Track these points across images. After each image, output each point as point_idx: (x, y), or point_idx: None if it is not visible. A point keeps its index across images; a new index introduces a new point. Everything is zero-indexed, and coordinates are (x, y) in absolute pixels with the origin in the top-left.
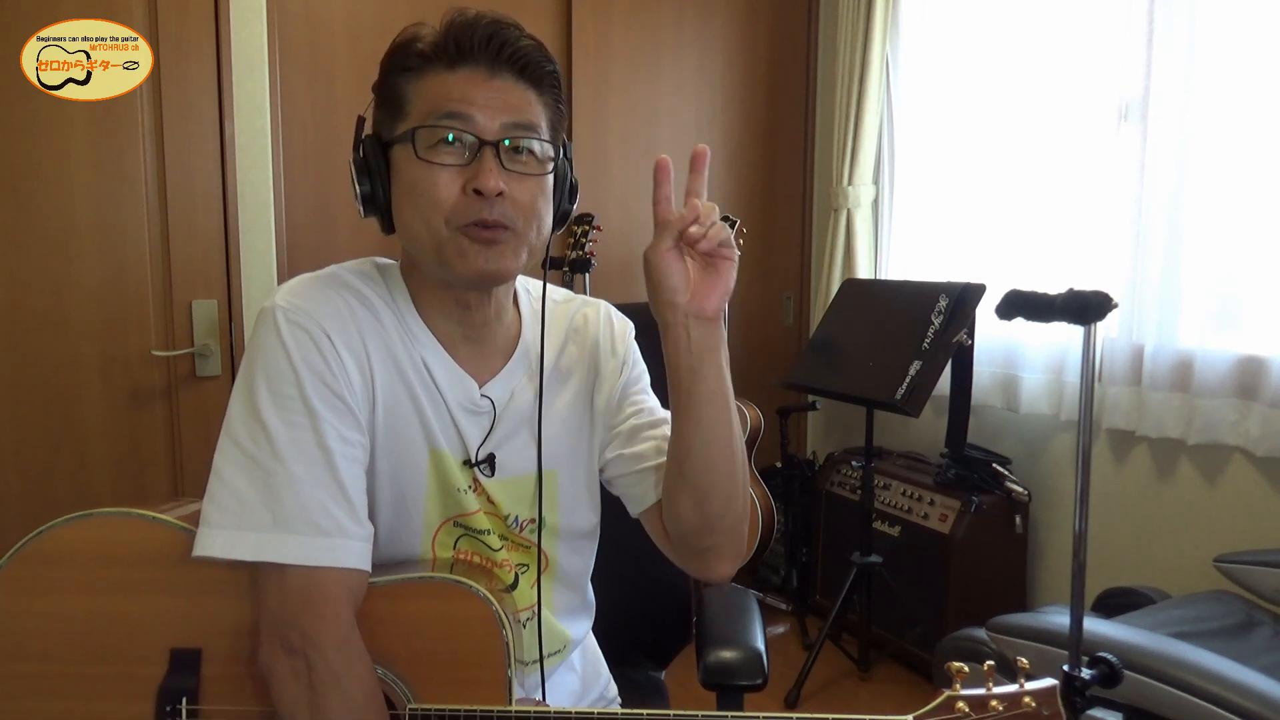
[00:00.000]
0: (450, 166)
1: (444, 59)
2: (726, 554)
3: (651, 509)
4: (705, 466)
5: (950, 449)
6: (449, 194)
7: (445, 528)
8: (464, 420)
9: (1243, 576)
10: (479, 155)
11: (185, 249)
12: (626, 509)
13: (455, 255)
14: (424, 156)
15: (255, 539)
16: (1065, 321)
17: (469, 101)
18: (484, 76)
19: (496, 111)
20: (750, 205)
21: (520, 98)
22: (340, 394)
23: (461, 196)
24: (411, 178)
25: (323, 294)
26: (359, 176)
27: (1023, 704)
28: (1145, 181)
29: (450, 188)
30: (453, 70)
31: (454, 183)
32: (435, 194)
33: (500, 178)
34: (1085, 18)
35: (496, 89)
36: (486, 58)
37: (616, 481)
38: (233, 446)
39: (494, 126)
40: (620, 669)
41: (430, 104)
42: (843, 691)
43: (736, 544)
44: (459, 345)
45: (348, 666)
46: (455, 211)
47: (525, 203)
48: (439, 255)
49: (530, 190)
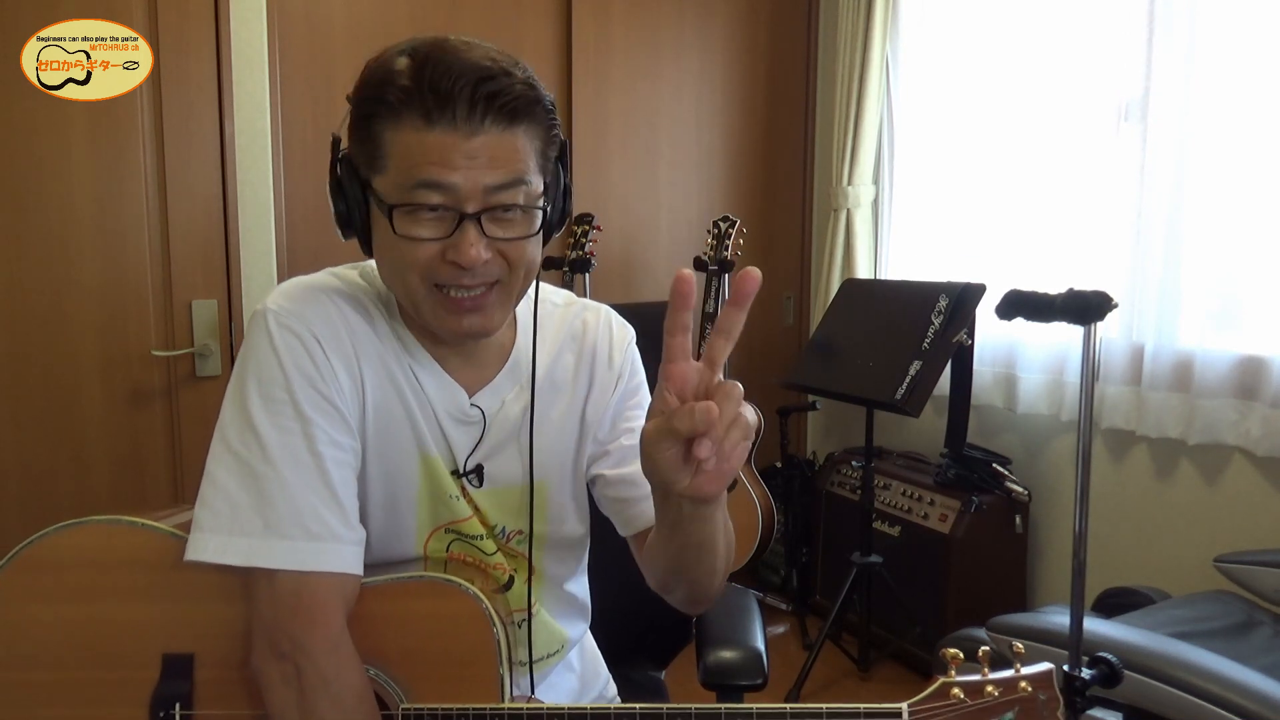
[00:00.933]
0: (428, 240)
1: (419, 110)
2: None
3: (636, 536)
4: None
5: (950, 449)
6: (427, 258)
7: (437, 533)
8: (452, 430)
9: (1243, 576)
10: (459, 227)
11: (185, 249)
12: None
13: (433, 316)
14: (402, 233)
15: (246, 544)
16: (1065, 321)
17: (448, 165)
18: (464, 136)
19: (478, 173)
20: (750, 205)
21: (506, 148)
22: (331, 398)
23: (440, 261)
24: (388, 240)
25: (314, 298)
26: (334, 199)
27: (1019, 688)
28: (1145, 181)
29: (429, 252)
30: (430, 126)
31: (433, 248)
32: (414, 257)
33: (481, 247)
34: (1085, 18)
35: (479, 146)
36: (466, 112)
37: (601, 500)
38: (225, 450)
39: (476, 192)
40: (620, 669)
41: (406, 164)
42: (843, 691)
43: (713, 599)
44: (450, 353)
45: (338, 671)
46: (433, 273)
47: (513, 258)
48: (417, 311)
49: (518, 246)
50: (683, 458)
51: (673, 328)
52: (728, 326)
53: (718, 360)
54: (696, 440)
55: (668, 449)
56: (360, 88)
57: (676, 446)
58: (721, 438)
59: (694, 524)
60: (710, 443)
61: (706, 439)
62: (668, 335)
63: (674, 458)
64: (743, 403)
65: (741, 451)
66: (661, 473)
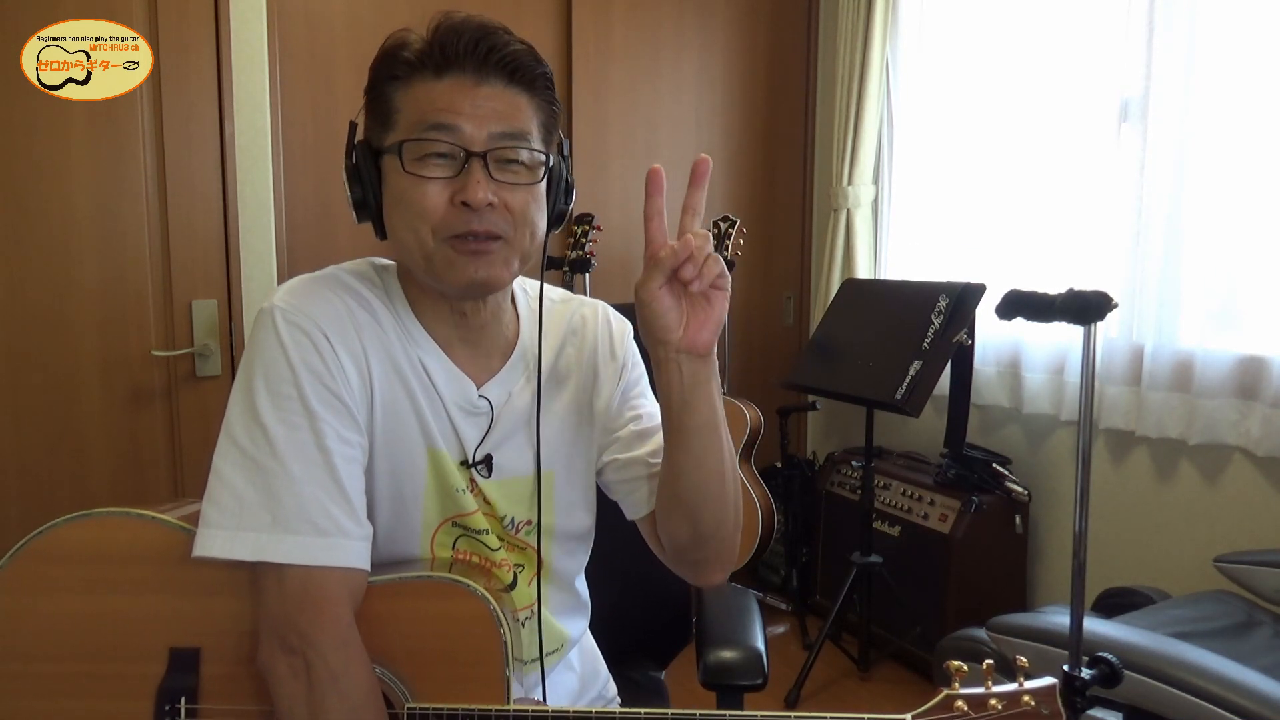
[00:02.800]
0: (438, 179)
1: (430, 66)
2: (718, 565)
3: (647, 516)
4: (697, 490)
5: (950, 449)
6: (437, 205)
7: (444, 528)
8: (461, 421)
9: (1243, 576)
10: (467, 167)
11: (185, 249)
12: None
13: (444, 266)
14: (411, 170)
15: (254, 539)
16: (1065, 321)
17: (455, 111)
18: (471, 84)
19: (484, 120)
20: (750, 205)
21: (509, 104)
22: (338, 394)
23: (450, 208)
24: (399, 189)
25: (320, 295)
26: (350, 183)
27: (1022, 703)
28: (1145, 181)
29: (438, 199)
30: (439, 78)
31: (442, 194)
32: (423, 205)
33: (489, 189)
34: (1085, 17)
35: (484, 96)
36: (473, 64)
37: (614, 486)
38: (232, 447)
39: (481, 136)
40: (620, 669)
41: (417, 114)
42: (843, 691)
43: (728, 556)
44: (456, 346)
45: (346, 666)
46: (443, 222)
47: (517, 210)
48: (428, 265)
49: (521, 198)
50: (670, 293)
51: (650, 213)
52: (693, 204)
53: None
54: (681, 267)
55: (657, 286)
56: (375, 61)
57: (663, 283)
58: (701, 261)
59: (695, 394)
60: (692, 265)
61: (689, 263)
62: (646, 221)
63: (662, 294)
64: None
65: (720, 300)
66: (657, 318)
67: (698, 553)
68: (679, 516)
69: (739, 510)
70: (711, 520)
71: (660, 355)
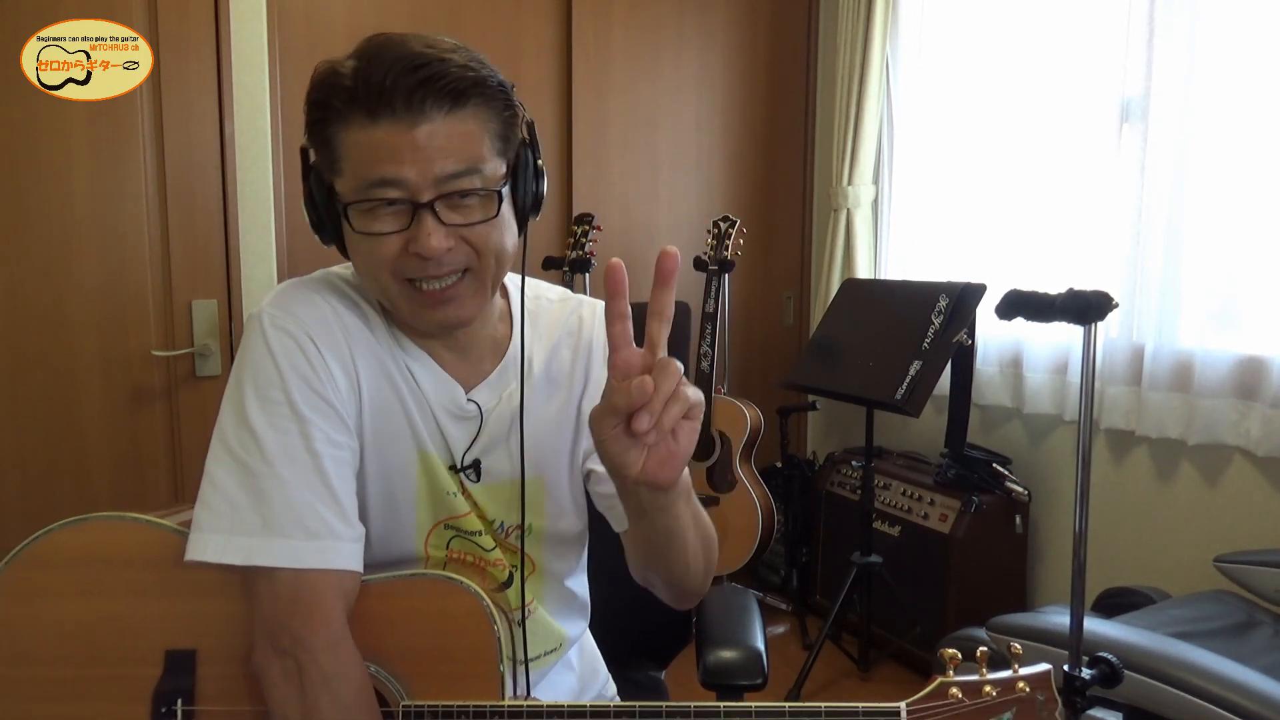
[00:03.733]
0: (388, 234)
1: (362, 109)
2: (689, 600)
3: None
4: (662, 561)
5: (950, 449)
6: (390, 254)
7: (437, 529)
8: (450, 426)
9: (1243, 576)
10: (416, 217)
11: (185, 249)
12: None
13: (408, 310)
14: (361, 229)
15: (246, 543)
16: (1065, 321)
17: (396, 160)
18: (406, 127)
19: (428, 164)
20: (750, 205)
21: (453, 136)
22: (327, 398)
23: (405, 254)
24: (354, 240)
25: (308, 300)
26: (308, 211)
27: (1016, 689)
28: (1145, 181)
29: (392, 249)
30: (374, 122)
31: (395, 243)
32: (379, 256)
33: (442, 236)
34: (1085, 17)
35: (424, 136)
36: (404, 102)
37: (595, 496)
38: (223, 451)
39: (428, 182)
40: (620, 669)
41: (357, 166)
42: (843, 691)
43: (700, 592)
44: (444, 350)
45: (339, 668)
46: (400, 268)
47: (478, 244)
48: (394, 307)
49: (480, 232)
50: (627, 434)
51: (612, 317)
52: (659, 308)
53: (657, 342)
54: (635, 414)
55: (611, 427)
56: (309, 94)
57: (619, 425)
58: (659, 410)
59: (657, 514)
60: (648, 415)
61: (644, 412)
62: (608, 324)
63: (618, 435)
64: (685, 381)
65: (687, 433)
66: (611, 455)
67: (668, 591)
68: (643, 567)
69: (710, 565)
70: (678, 581)
71: (617, 481)
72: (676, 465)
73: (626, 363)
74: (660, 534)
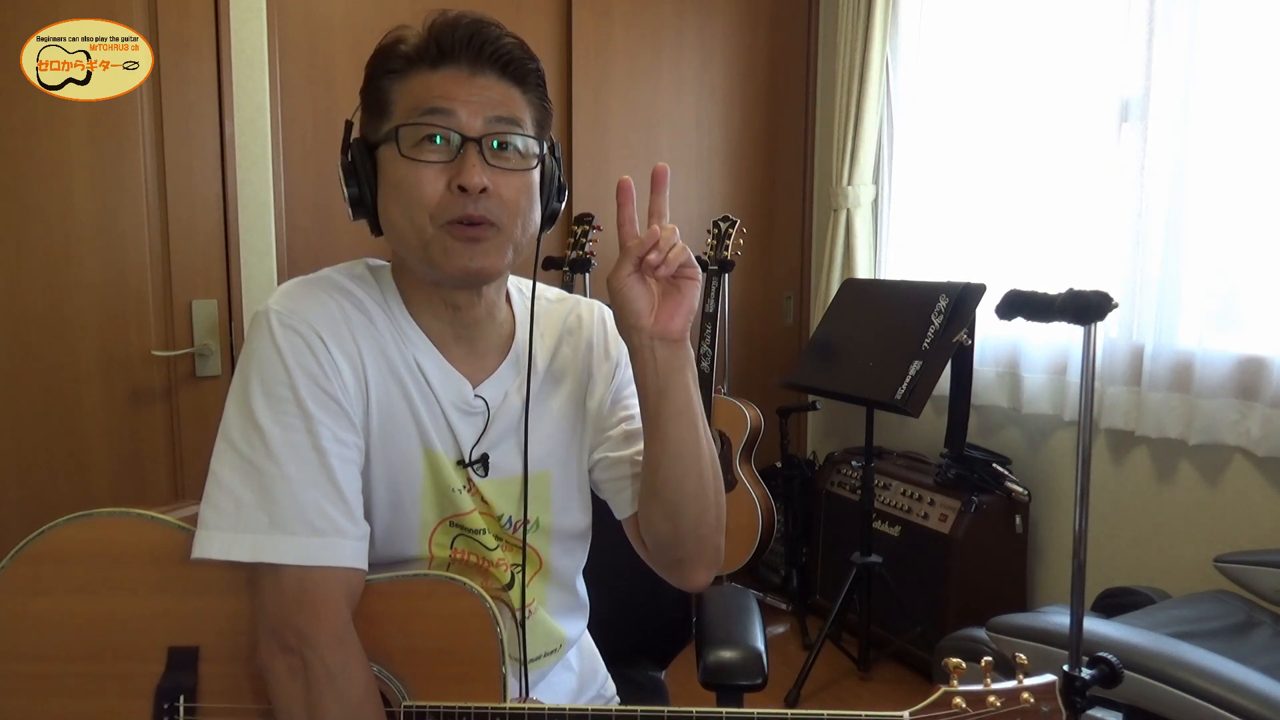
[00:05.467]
0: (434, 164)
1: (427, 59)
2: (701, 565)
3: (632, 516)
4: (675, 483)
5: (950, 449)
6: (433, 191)
7: (441, 528)
8: (458, 421)
9: (1243, 576)
10: (462, 151)
11: (185, 249)
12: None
13: (440, 253)
14: (408, 154)
15: (252, 540)
16: (1065, 321)
17: (451, 98)
18: (466, 74)
19: (480, 107)
20: (750, 205)
21: (503, 94)
22: (334, 395)
23: (446, 193)
24: (396, 176)
25: (315, 297)
26: (346, 180)
27: (1021, 700)
28: (1145, 181)
29: (435, 184)
30: (435, 70)
31: (438, 179)
32: (420, 190)
33: (484, 174)
34: (1085, 17)
35: (479, 86)
36: (468, 56)
37: (602, 485)
38: (229, 449)
39: (477, 123)
40: (620, 669)
41: (414, 102)
42: (843, 691)
43: (711, 555)
44: (452, 346)
45: (343, 665)
46: (440, 208)
47: (510, 199)
48: (425, 253)
49: (515, 186)
50: (640, 280)
51: (621, 220)
52: (658, 209)
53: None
54: (646, 257)
55: (626, 274)
56: (372, 58)
57: (633, 271)
58: (666, 250)
59: (669, 380)
60: (657, 252)
61: (654, 250)
62: (619, 227)
63: (634, 283)
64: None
65: (690, 288)
66: (628, 304)
67: (679, 550)
68: (658, 512)
69: (721, 508)
70: (691, 515)
71: (634, 342)
72: (684, 314)
73: (634, 228)
74: (673, 446)
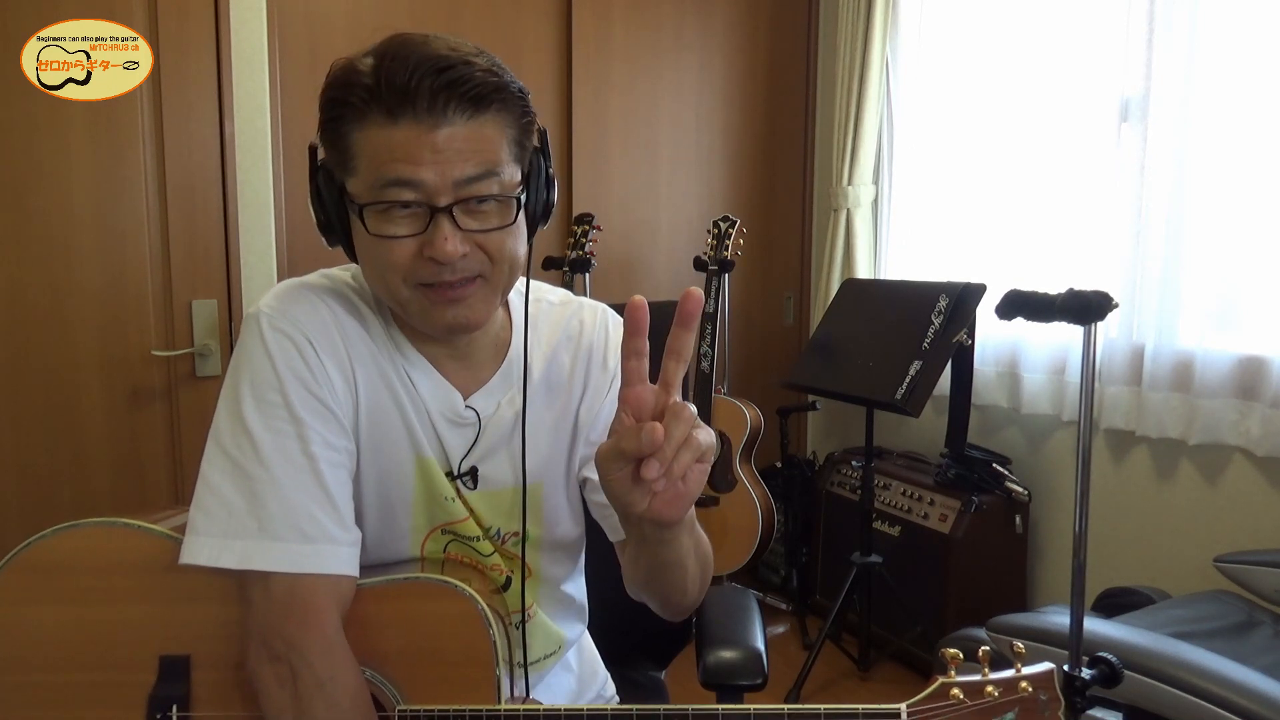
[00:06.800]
0: (403, 238)
1: (382, 108)
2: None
3: (622, 543)
4: (659, 585)
5: (950, 449)
6: (404, 258)
7: (434, 535)
8: (447, 432)
9: (1243, 576)
10: (433, 221)
11: (185, 249)
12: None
13: (419, 312)
14: (375, 232)
15: (241, 546)
16: (1065, 321)
17: (414, 161)
18: (427, 129)
19: (447, 166)
20: (750, 205)
21: (473, 140)
22: (324, 400)
23: (419, 259)
24: (366, 243)
25: (306, 300)
26: (315, 209)
27: (1019, 689)
28: (1145, 181)
29: (406, 252)
30: (394, 122)
31: (409, 247)
32: (391, 258)
33: (457, 241)
34: (1085, 17)
35: (444, 139)
36: (427, 104)
37: (591, 504)
38: (219, 454)
39: (446, 185)
40: (620, 669)
41: (375, 166)
42: (843, 691)
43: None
44: (443, 355)
45: (334, 672)
46: (414, 273)
47: (493, 250)
48: (404, 311)
49: (496, 239)
50: (634, 479)
51: (628, 352)
52: (678, 348)
53: (672, 382)
54: (644, 461)
55: (618, 470)
56: (325, 91)
57: (627, 468)
58: (669, 459)
59: (659, 546)
60: (657, 464)
61: (654, 460)
62: (623, 359)
63: (625, 479)
64: (698, 424)
65: (697, 475)
66: (616, 495)
67: (662, 609)
68: (640, 587)
69: (707, 580)
70: (675, 603)
71: (623, 517)
72: (683, 505)
73: (639, 399)
74: (660, 563)
